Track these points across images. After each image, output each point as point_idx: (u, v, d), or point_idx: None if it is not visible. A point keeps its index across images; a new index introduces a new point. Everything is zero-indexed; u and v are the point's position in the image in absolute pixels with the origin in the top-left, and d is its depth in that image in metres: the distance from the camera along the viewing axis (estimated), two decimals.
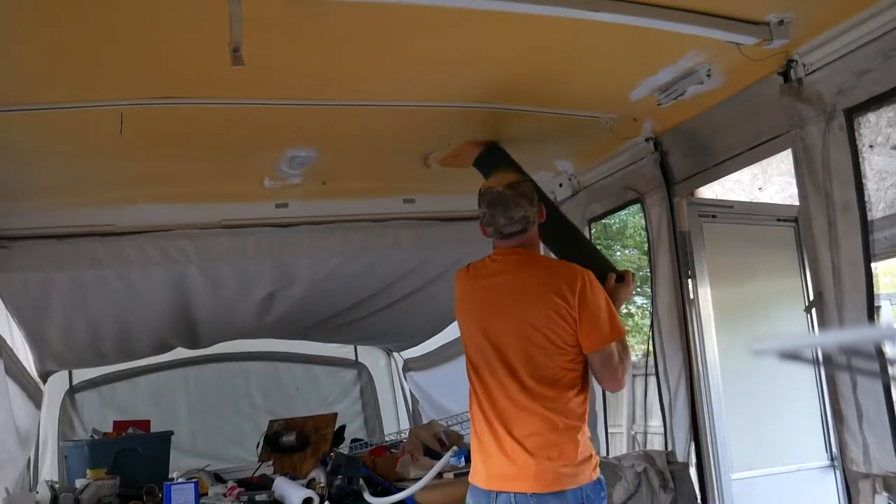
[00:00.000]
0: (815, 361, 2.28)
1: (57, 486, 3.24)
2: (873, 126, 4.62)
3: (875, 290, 2.22)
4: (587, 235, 3.49)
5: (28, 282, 3.20)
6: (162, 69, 2.20)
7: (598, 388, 3.48)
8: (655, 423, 6.02)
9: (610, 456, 3.43)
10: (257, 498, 3.14)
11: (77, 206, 3.18)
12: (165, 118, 2.49)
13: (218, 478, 3.42)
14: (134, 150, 2.74)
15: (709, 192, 4.84)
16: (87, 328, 3.45)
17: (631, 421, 7.97)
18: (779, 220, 3.45)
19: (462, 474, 3.41)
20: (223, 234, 3.39)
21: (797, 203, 2.51)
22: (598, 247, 3.17)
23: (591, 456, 2.20)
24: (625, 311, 11.25)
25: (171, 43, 2.07)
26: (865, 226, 2.21)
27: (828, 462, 3.24)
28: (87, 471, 3.18)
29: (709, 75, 2.50)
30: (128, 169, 2.94)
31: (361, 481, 3.10)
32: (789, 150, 2.46)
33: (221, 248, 3.38)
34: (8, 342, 3.20)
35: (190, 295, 3.45)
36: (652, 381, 3.16)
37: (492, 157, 2.81)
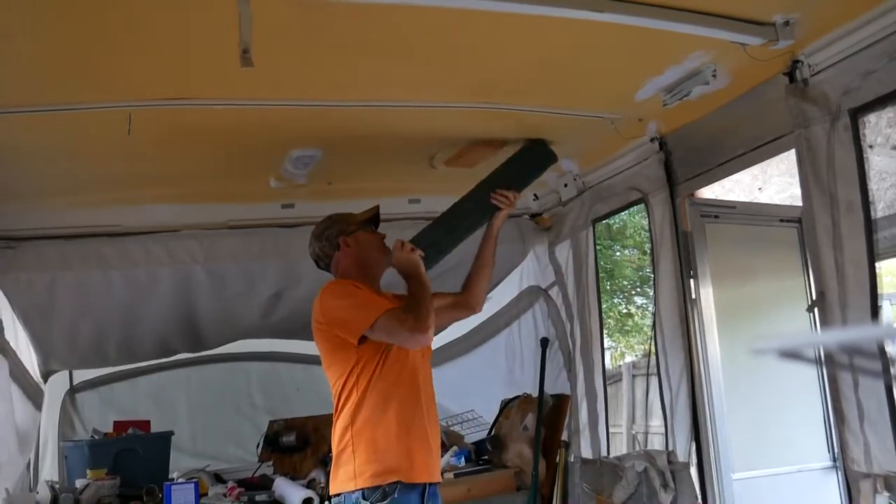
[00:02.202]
0: (817, 361, 2.29)
1: (57, 486, 3.22)
2: (873, 126, 4.64)
3: (879, 289, 2.22)
4: (591, 235, 3.50)
5: (34, 282, 3.19)
6: (168, 70, 2.21)
7: (599, 389, 3.50)
8: (656, 422, 6.03)
9: (611, 456, 3.43)
10: (257, 498, 3.13)
11: (84, 206, 3.18)
12: (172, 119, 2.50)
13: (218, 478, 3.41)
14: (141, 151, 2.74)
15: (709, 192, 4.85)
16: (92, 329, 3.44)
17: (631, 421, 7.98)
18: (782, 220, 3.46)
19: (462, 474, 3.41)
20: (229, 234, 3.41)
21: (797, 203, 2.52)
22: (599, 247, 3.18)
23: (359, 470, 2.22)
24: (625, 311, 11.27)
25: (178, 44, 2.07)
26: (869, 226, 2.21)
27: (830, 463, 3.24)
28: (88, 471, 3.17)
29: (714, 76, 2.50)
30: (134, 170, 2.94)
31: None
32: (791, 150, 2.47)
33: (227, 248, 3.39)
34: (12, 344, 3.19)
35: (195, 295, 3.44)
36: (653, 380, 3.17)
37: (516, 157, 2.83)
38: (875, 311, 2.21)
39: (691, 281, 3.07)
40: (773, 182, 6.44)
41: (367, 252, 2.46)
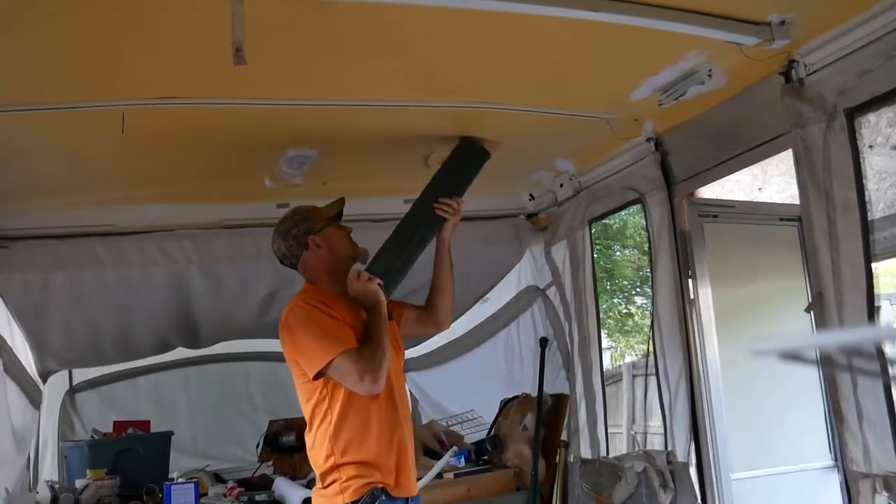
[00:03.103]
0: (817, 362, 2.28)
1: (57, 486, 3.23)
2: (873, 126, 4.62)
3: (875, 290, 2.22)
4: (588, 235, 3.50)
5: (28, 282, 3.19)
6: (163, 69, 2.20)
7: (597, 389, 3.50)
8: (655, 422, 6.03)
9: (610, 456, 3.43)
10: (257, 498, 3.14)
11: (78, 206, 3.18)
12: (166, 118, 2.49)
13: (218, 478, 3.42)
14: (135, 151, 2.74)
15: (709, 192, 4.84)
16: (87, 328, 3.44)
17: (631, 421, 7.98)
18: (782, 219, 3.44)
19: (462, 474, 3.42)
20: (224, 234, 3.40)
21: (797, 203, 2.51)
22: (598, 247, 3.17)
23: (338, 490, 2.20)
24: (625, 311, 11.25)
25: (172, 43, 2.07)
26: (866, 226, 2.21)
27: (832, 462, 3.23)
28: (87, 471, 3.18)
29: (710, 75, 2.49)
30: (129, 169, 2.94)
31: None
32: (789, 150, 2.46)
33: (222, 248, 3.38)
34: (8, 342, 3.20)
35: (191, 295, 3.44)
36: (652, 380, 3.17)
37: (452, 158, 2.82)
38: (871, 312, 2.20)
39: (689, 281, 3.06)
40: (773, 182, 6.43)
41: (337, 250, 2.41)
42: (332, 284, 2.37)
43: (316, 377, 2.19)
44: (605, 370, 3.68)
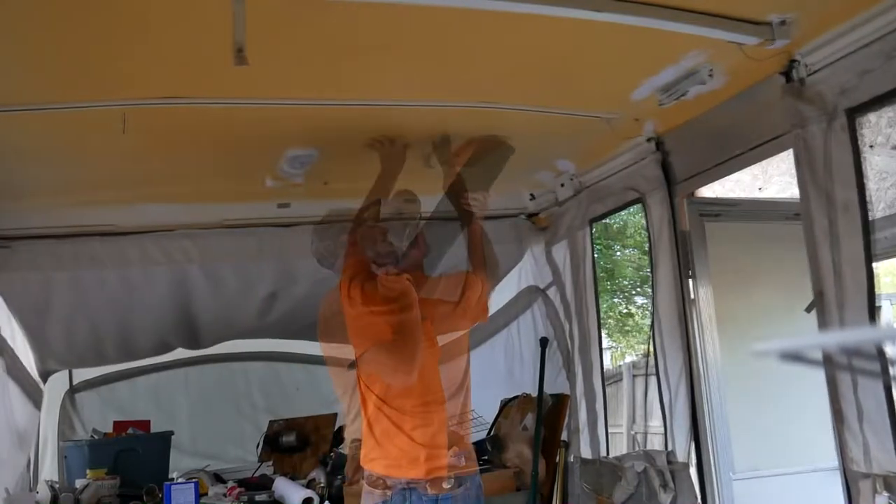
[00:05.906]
0: (821, 362, 2.28)
1: (57, 486, 3.24)
2: (873, 126, 4.62)
3: (876, 289, 2.22)
4: (588, 235, 3.51)
5: (29, 282, 3.20)
6: (163, 69, 2.21)
7: (598, 389, 3.50)
8: (655, 423, 6.03)
9: (610, 456, 3.43)
10: (257, 498, 3.15)
11: (78, 205, 3.19)
12: (167, 118, 2.50)
13: (218, 478, 3.42)
14: (135, 150, 2.74)
15: (709, 192, 4.84)
16: (87, 328, 3.45)
17: (631, 421, 7.98)
18: (787, 218, 3.42)
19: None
20: (225, 233, 3.41)
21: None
22: (599, 246, 3.20)
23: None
24: (625, 311, 11.26)
25: (173, 43, 2.07)
26: (867, 226, 2.21)
27: (837, 464, 3.21)
28: (87, 471, 3.19)
29: (711, 75, 2.49)
30: (129, 169, 2.94)
31: None
32: (790, 149, 2.46)
33: (223, 247, 3.39)
34: (9, 342, 3.20)
35: (191, 295, 3.45)
36: (652, 380, 3.16)
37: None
38: (872, 312, 2.20)
39: (690, 281, 3.06)
40: (773, 182, 6.43)
41: (371, 249, 2.48)
42: (367, 281, 2.43)
43: (350, 366, 2.28)
44: (605, 370, 3.68)
